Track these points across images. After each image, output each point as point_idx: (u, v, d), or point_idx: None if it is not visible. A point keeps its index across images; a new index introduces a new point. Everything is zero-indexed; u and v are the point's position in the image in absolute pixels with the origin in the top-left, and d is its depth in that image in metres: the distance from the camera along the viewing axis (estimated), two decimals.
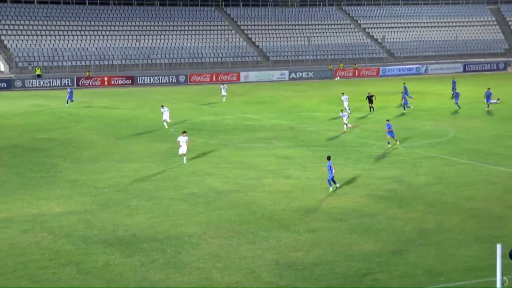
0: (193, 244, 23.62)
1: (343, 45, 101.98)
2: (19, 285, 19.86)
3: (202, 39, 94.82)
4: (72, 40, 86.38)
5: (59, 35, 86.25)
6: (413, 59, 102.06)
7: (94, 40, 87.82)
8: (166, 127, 47.81)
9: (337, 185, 30.90)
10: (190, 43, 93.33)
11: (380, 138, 43.69)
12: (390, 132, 40.41)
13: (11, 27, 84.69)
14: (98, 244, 23.55)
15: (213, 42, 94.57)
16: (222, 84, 67.19)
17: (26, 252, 22.65)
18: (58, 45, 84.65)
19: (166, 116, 48.20)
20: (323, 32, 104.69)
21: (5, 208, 27.59)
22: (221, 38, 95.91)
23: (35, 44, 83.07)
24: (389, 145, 40.38)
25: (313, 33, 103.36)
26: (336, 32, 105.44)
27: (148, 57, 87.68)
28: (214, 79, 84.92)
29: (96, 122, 51.49)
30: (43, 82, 75.99)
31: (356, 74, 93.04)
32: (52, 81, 76.82)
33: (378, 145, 41.76)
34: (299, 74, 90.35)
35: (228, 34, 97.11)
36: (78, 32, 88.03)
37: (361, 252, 22.73)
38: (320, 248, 23.28)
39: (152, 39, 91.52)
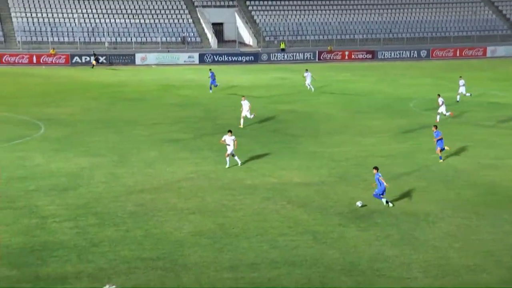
0: (429, 222, 23.18)
1: None
2: (260, 249, 21.01)
3: (447, 12, 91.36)
4: (316, 15, 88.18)
5: (304, 10, 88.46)
6: None
7: (337, 14, 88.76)
8: (241, 126, 39.02)
9: (390, 205, 24.91)
10: (434, 16, 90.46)
11: None
12: (439, 142, 31.52)
13: (261, 2, 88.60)
14: (334, 215, 24.05)
15: (458, 15, 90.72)
16: (306, 71, 55.11)
17: (267, 218, 23.84)
18: (302, 19, 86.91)
19: (245, 110, 39.65)
20: None
21: (250, 176, 29.23)
22: (467, 11, 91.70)
23: (281, 19, 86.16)
24: (441, 161, 31.41)
25: None
26: None
27: (390, 31, 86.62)
28: (458, 54, 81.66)
29: (336, 96, 52.24)
30: (287, 56, 78.63)
31: None
32: (295, 55, 79.23)
33: None
34: None
35: (476, 7, 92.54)
36: (322, 7, 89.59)
37: None
38: None
39: (394, 13, 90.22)
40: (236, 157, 30.51)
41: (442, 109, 40.75)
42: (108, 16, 79.51)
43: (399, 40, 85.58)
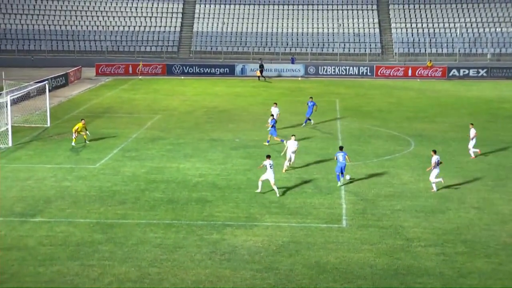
0: None
1: None
2: None
3: None
4: None
5: None
6: None
7: None
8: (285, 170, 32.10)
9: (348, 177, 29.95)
10: None
11: None
12: (272, 129, 36.90)
13: None
14: None
15: None
16: (275, 104, 41.48)
17: None
18: None
19: (290, 151, 32.00)
20: None
21: None
22: None
23: None
24: (267, 144, 37.15)
25: None
26: None
27: None
28: None
29: None
30: None
31: None
32: None
33: None
34: None
35: None
36: None
37: None
38: None
39: None
40: (275, 188, 28.45)
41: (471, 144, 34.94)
42: (494, 24, 77.51)
43: None
